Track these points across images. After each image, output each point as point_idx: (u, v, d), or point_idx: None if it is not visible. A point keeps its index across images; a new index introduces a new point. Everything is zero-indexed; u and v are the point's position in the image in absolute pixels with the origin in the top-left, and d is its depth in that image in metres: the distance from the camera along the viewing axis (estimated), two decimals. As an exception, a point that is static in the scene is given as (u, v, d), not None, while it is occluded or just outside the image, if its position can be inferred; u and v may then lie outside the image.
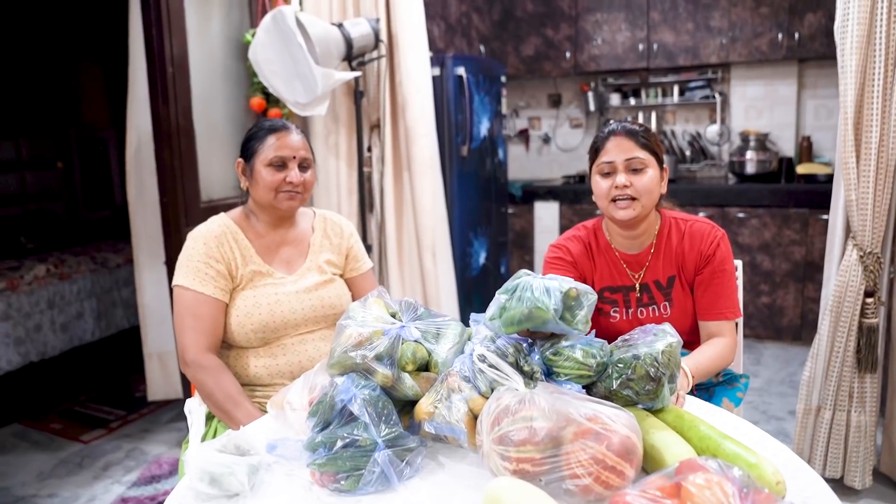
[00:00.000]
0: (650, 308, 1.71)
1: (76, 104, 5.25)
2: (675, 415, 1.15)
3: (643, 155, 1.59)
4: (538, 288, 1.11)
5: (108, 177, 5.41)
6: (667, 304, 1.70)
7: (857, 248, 2.30)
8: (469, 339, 1.25)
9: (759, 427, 1.26)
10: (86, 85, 5.30)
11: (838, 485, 2.45)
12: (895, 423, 2.44)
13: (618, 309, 1.72)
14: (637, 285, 1.71)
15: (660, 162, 1.63)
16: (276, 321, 1.64)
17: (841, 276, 2.34)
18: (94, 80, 5.32)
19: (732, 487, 0.84)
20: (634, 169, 1.59)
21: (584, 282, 1.70)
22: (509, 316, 1.12)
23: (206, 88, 2.95)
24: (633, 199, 1.59)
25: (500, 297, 1.16)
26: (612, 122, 1.66)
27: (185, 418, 1.98)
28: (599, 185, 1.63)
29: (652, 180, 1.59)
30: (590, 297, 1.13)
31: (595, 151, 1.65)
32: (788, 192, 4.13)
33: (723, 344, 1.62)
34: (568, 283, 1.13)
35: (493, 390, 1.09)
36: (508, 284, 1.17)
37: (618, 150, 1.59)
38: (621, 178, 1.58)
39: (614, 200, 1.60)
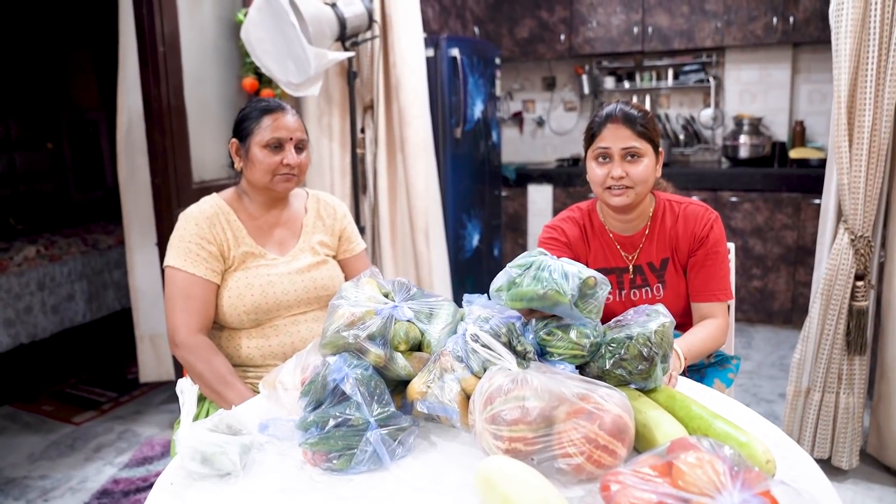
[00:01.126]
0: (643, 290, 1.71)
1: (66, 85, 5.19)
2: (666, 395, 1.15)
3: (639, 144, 1.56)
4: (556, 270, 1.11)
5: (100, 158, 5.37)
6: (660, 285, 1.70)
7: (849, 231, 2.31)
8: (462, 320, 1.24)
9: (750, 409, 1.26)
10: (76, 65, 5.23)
11: (826, 465, 2.47)
12: (882, 404, 2.46)
13: (611, 291, 1.71)
14: (630, 267, 1.71)
15: (655, 148, 1.61)
16: (268, 302, 1.63)
17: (832, 259, 2.35)
18: (83, 60, 5.25)
19: (723, 466, 0.84)
20: (631, 156, 1.57)
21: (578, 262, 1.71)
22: (519, 292, 1.12)
23: (197, 68, 2.92)
24: (628, 187, 1.58)
25: (510, 271, 1.16)
26: (609, 104, 1.63)
27: (177, 400, 1.97)
28: (595, 171, 1.61)
29: (647, 169, 1.58)
30: (604, 286, 1.14)
31: (591, 135, 1.63)
32: (781, 177, 4.13)
33: (715, 325, 1.62)
34: (587, 271, 1.13)
35: (485, 370, 1.10)
36: (521, 260, 1.17)
37: (614, 137, 1.57)
38: (617, 171, 1.56)
39: (609, 188, 1.59)
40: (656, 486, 0.85)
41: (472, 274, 3.97)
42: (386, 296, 1.26)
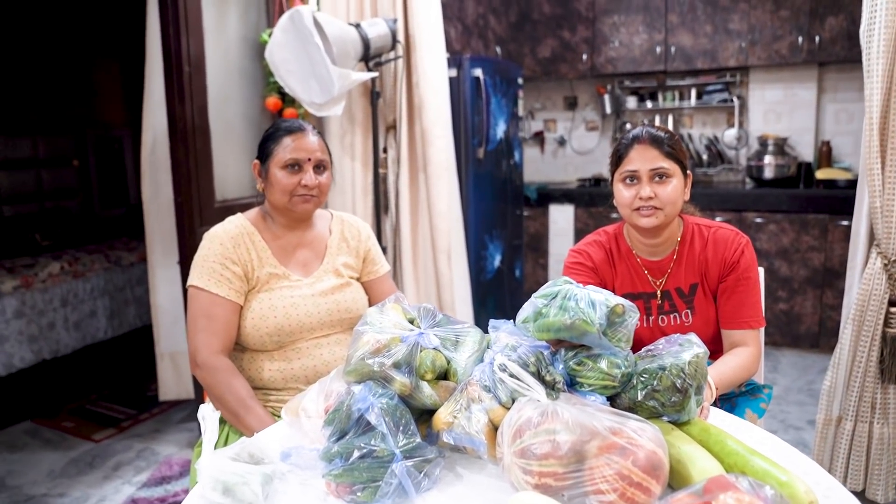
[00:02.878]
0: (672, 316, 1.67)
1: (92, 102, 5.27)
2: (700, 428, 1.11)
3: (668, 164, 1.54)
4: (583, 299, 1.09)
5: (124, 175, 5.43)
6: (689, 311, 1.66)
7: (882, 256, 2.25)
8: (489, 347, 1.22)
9: (778, 436, 1.22)
10: (102, 84, 5.32)
11: (860, 497, 2.39)
12: (918, 435, 2.38)
13: (639, 316, 1.68)
14: (658, 292, 1.67)
15: (684, 169, 1.59)
16: (291, 325, 1.61)
17: (864, 284, 2.29)
18: (110, 78, 5.34)
19: (765, 508, 0.81)
20: (659, 177, 1.55)
21: (605, 288, 1.67)
22: (547, 322, 1.10)
23: (222, 88, 2.94)
24: (657, 208, 1.55)
25: (536, 301, 1.14)
26: (635, 127, 1.62)
27: (196, 418, 1.96)
28: (622, 193, 1.59)
29: (676, 190, 1.55)
30: (633, 314, 1.12)
31: (618, 158, 1.61)
32: (807, 198, 4.07)
33: (747, 353, 1.58)
34: (614, 298, 1.11)
35: (514, 400, 1.07)
36: (547, 290, 1.15)
37: (641, 159, 1.55)
38: (646, 191, 1.54)
39: (637, 209, 1.57)
40: (695, 527, 0.82)
41: (493, 295, 3.93)
42: (411, 322, 1.24)
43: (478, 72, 3.54)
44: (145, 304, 4.19)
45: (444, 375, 1.19)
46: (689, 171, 1.62)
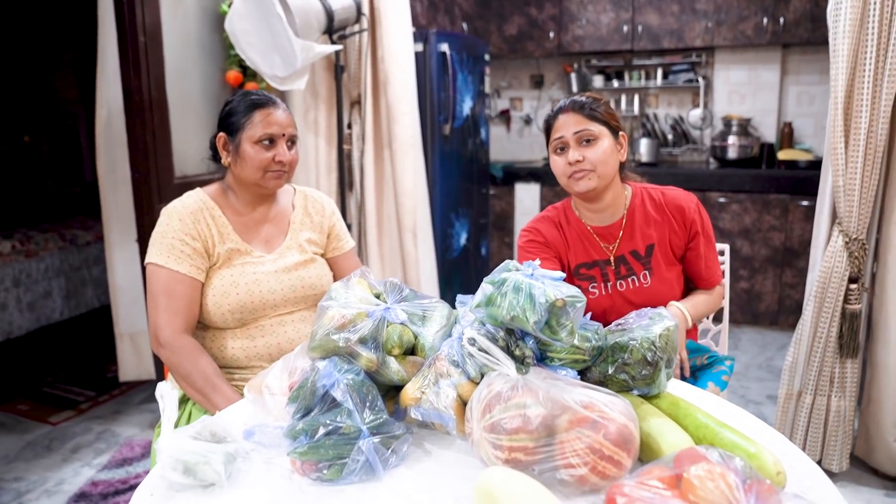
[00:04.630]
0: (629, 279, 1.69)
1: (44, 76, 5.06)
2: (669, 402, 1.11)
3: (593, 127, 1.58)
4: (524, 293, 1.04)
5: (79, 152, 5.25)
6: (646, 272, 1.69)
7: (843, 234, 2.29)
8: (456, 322, 1.20)
9: (744, 411, 1.23)
10: (54, 56, 5.11)
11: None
12: (872, 407, 2.45)
13: (596, 284, 1.71)
14: (612, 258, 1.70)
15: (614, 131, 1.62)
16: (254, 301, 1.57)
17: (826, 262, 2.33)
18: (62, 50, 5.13)
19: (735, 478, 0.81)
20: (586, 140, 1.58)
21: (560, 261, 1.73)
22: (493, 312, 1.06)
23: (180, 60, 2.84)
24: (589, 170, 1.58)
25: (486, 287, 1.10)
26: (562, 100, 1.67)
27: (157, 399, 1.91)
28: (556, 162, 1.63)
29: (605, 151, 1.58)
30: (577, 305, 1.06)
31: (548, 130, 1.66)
32: (769, 178, 4.13)
33: (716, 293, 1.74)
34: (555, 291, 1.05)
35: (483, 375, 1.05)
36: (495, 276, 1.10)
37: (566, 125, 1.60)
38: (573, 154, 1.58)
39: (571, 175, 1.60)
40: (666, 499, 0.81)
41: (459, 273, 3.92)
42: (377, 297, 1.21)
43: (444, 47, 3.49)
44: (103, 284, 4.07)
45: (411, 351, 1.17)
46: (622, 133, 1.65)
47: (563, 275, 1.09)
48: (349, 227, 3.17)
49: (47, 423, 3.02)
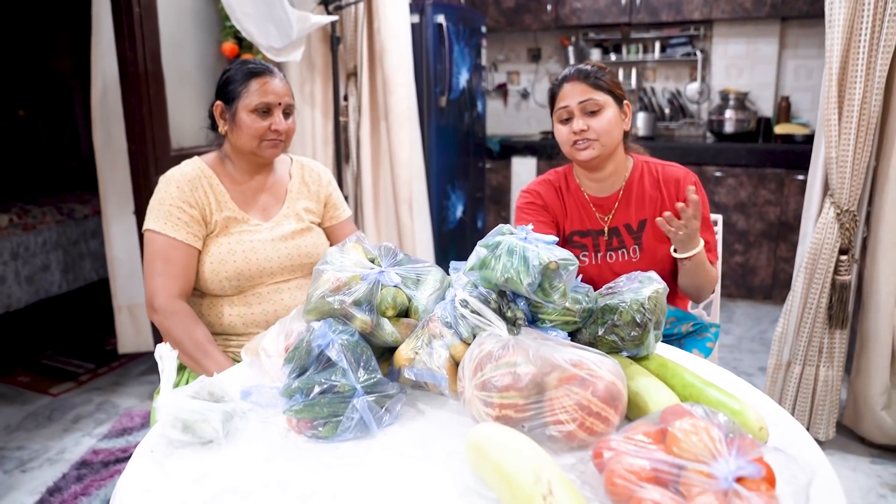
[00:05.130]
0: (619, 252, 1.71)
1: (38, 49, 5.02)
2: (658, 363, 1.14)
3: (598, 96, 1.58)
4: (518, 255, 1.05)
5: (75, 126, 5.23)
6: (636, 247, 1.70)
7: (835, 205, 2.30)
8: (450, 286, 1.22)
9: (731, 373, 1.25)
10: (47, 29, 5.07)
11: (805, 437, 2.50)
12: (860, 377, 2.48)
13: (587, 253, 1.73)
14: (606, 229, 1.71)
15: (618, 100, 1.62)
16: (251, 269, 1.59)
17: (817, 233, 2.35)
18: (55, 23, 5.09)
19: (718, 433, 0.83)
20: (591, 111, 1.59)
21: (556, 225, 1.74)
22: (487, 275, 1.08)
23: (175, 32, 2.83)
24: (592, 139, 1.59)
25: (480, 250, 1.11)
26: (567, 68, 1.66)
27: (156, 371, 1.94)
28: (560, 131, 1.64)
29: (610, 121, 1.59)
30: (570, 267, 1.07)
31: (553, 99, 1.66)
32: (765, 152, 4.13)
33: (713, 269, 1.69)
34: (549, 253, 1.06)
35: (475, 336, 1.07)
36: (489, 239, 1.12)
37: (571, 94, 1.60)
38: (578, 124, 1.59)
39: (574, 143, 1.61)
40: (650, 452, 0.84)
41: (455, 245, 3.94)
42: (372, 261, 1.23)
43: (440, 18, 3.47)
44: (101, 257, 4.09)
45: (405, 313, 1.19)
46: (626, 102, 1.65)
47: (556, 238, 1.10)
48: (346, 198, 3.18)
49: (47, 395, 3.05)
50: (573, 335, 1.13)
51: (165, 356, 1.08)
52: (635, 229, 1.70)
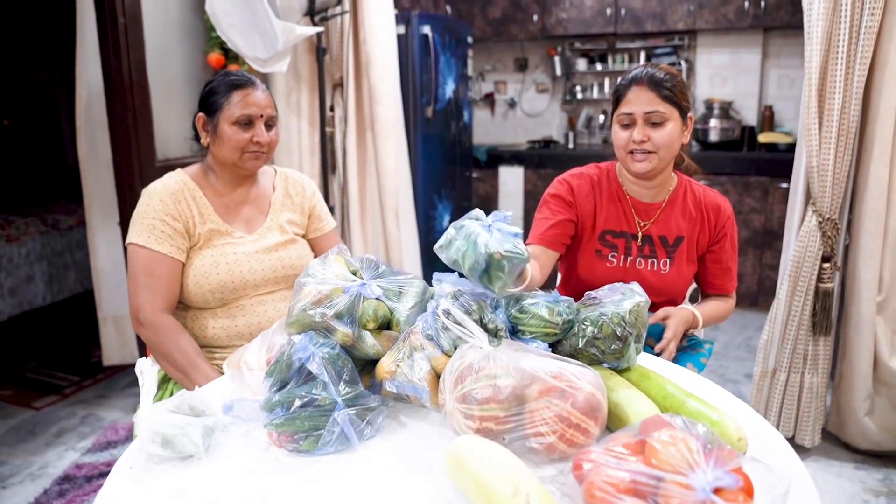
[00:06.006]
0: (650, 261, 1.68)
1: (23, 59, 5.00)
2: (639, 373, 1.14)
3: (664, 108, 1.52)
4: (471, 240, 1.07)
5: (60, 136, 5.20)
6: (667, 261, 1.68)
7: (817, 213, 2.33)
8: (432, 298, 1.22)
9: (721, 388, 1.26)
10: (32, 38, 5.04)
11: (790, 443, 2.51)
12: (844, 384, 2.50)
13: (616, 254, 1.69)
14: (640, 234, 1.68)
15: (683, 113, 1.57)
16: (234, 281, 1.58)
17: (800, 241, 2.37)
18: (40, 32, 5.07)
19: (696, 443, 0.84)
20: (654, 122, 1.53)
21: (579, 222, 1.68)
22: (450, 254, 1.10)
23: (160, 42, 2.83)
24: (650, 152, 1.54)
25: (449, 231, 1.12)
26: (637, 67, 1.58)
27: (140, 382, 1.92)
28: (618, 135, 1.58)
29: (671, 135, 1.54)
30: (514, 261, 1.08)
31: (617, 99, 1.59)
32: (750, 161, 4.17)
33: (730, 304, 1.76)
34: (499, 245, 1.07)
35: (456, 348, 1.07)
36: (460, 221, 1.13)
37: (638, 101, 1.53)
38: (638, 133, 1.53)
39: (631, 152, 1.57)
40: (629, 464, 0.84)
41: (443, 256, 3.94)
42: (354, 273, 1.23)
43: (426, 29, 3.48)
44: (86, 268, 4.06)
45: (386, 326, 1.19)
46: (690, 115, 1.60)
47: (520, 231, 1.11)
48: (332, 209, 3.18)
49: (31, 408, 3.02)
50: (554, 347, 1.13)
51: (146, 371, 1.07)
52: (671, 243, 1.68)
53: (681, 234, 1.68)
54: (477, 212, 1.13)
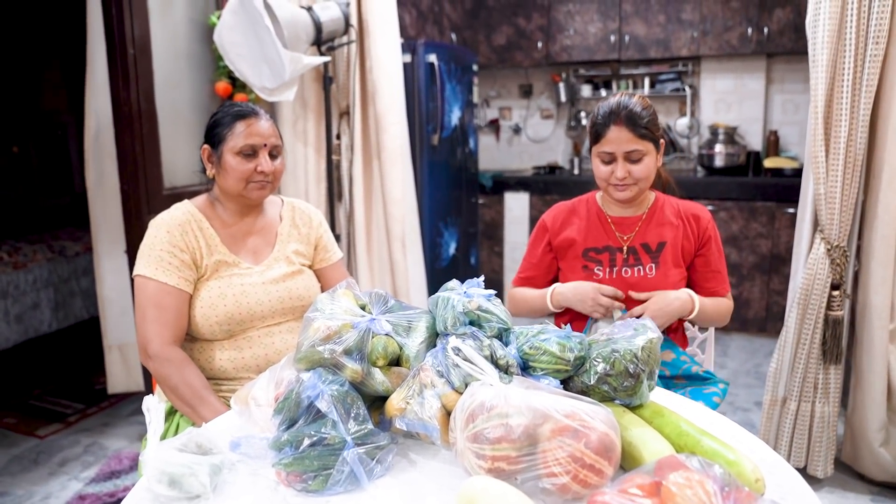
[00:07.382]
0: (636, 269, 1.75)
1: (33, 87, 5.05)
2: (652, 410, 1.13)
3: (642, 146, 1.63)
4: (449, 304, 1.19)
5: (68, 163, 5.24)
6: (653, 265, 1.74)
7: (825, 241, 2.32)
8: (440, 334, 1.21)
9: (736, 424, 1.24)
10: (44, 67, 5.10)
11: (801, 474, 2.46)
12: (856, 413, 2.47)
13: (602, 267, 1.77)
14: (625, 247, 1.76)
15: (657, 142, 1.67)
16: (241, 313, 1.58)
17: (808, 269, 2.36)
18: (51, 61, 5.13)
19: (714, 486, 0.82)
20: (633, 160, 1.63)
21: (559, 243, 1.81)
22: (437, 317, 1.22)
23: (169, 72, 2.85)
24: (632, 184, 1.66)
25: (439, 293, 1.25)
26: (611, 101, 1.67)
27: (145, 413, 1.91)
28: (600, 168, 1.68)
29: (649, 167, 1.65)
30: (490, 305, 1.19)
31: (596, 136, 1.68)
32: (756, 186, 4.17)
33: (727, 304, 1.78)
34: (471, 303, 1.17)
35: (466, 385, 1.06)
36: (446, 286, 1.26)
37: (617, 141, 1.62)
38: (620, 171, 1.63)
39: (613, 184, 1.67)
40: (645, 507, 0.82)
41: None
42: (363, 308, 1.22)
43: (432, 58, 3.51)
44: (92, 295, 4.06)
45: (396, 362, 1.18)
46: (661, 140, 1.70)
47: (493, 293, 1.21)
48: (338, 237, 3.18)
49: (34, 437, 3.00)
50: (565, 383, 1.12)
51: (153, 408, 1.06)
52: (654, 249, 1.75)
53: (663, 240, 1.75)
54: (453, 282, 1.26)
